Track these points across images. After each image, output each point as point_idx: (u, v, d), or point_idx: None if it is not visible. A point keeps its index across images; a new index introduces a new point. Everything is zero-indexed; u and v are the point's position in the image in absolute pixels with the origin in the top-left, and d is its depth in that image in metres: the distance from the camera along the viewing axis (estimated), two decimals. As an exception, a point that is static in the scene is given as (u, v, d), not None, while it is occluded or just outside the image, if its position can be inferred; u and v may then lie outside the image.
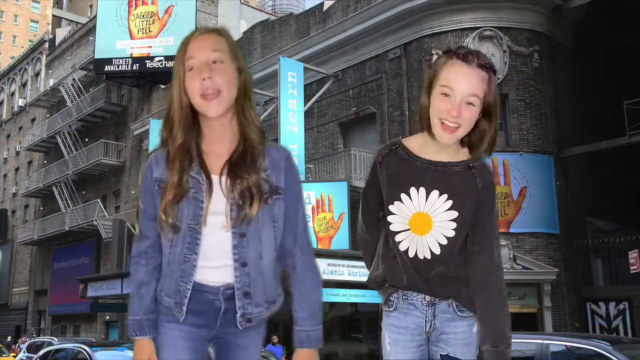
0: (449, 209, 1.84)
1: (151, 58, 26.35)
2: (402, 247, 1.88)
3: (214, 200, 1.71)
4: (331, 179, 16.97)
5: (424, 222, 1.85)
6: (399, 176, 1.87)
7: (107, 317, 27.15)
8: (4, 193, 40.66)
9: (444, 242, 1.85)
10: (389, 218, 1.89)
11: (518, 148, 14.92)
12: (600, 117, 15.38)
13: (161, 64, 25.69)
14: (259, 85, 19.40)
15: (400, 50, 16.37)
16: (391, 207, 1.88)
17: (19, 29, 63.83)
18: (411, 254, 1.87)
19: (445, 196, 1.84)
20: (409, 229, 1.87)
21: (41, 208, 34.82)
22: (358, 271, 13.41)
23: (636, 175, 14.79)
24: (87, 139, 30.59)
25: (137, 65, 26.67)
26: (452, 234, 1.85)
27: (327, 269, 14.10)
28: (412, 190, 1.85)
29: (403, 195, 1.86)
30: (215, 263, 1.73)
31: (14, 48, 60.27)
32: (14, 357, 20.58)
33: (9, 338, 30.26)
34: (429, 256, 1.86)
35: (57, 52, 36.40)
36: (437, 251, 1.85)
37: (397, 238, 1.89)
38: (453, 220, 1.84)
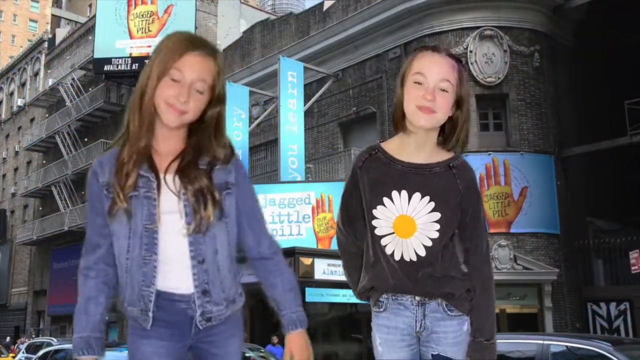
0: (431, 211, 1.85)
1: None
2: (387, 251, 1.89)
3: (165, 199, 1.69)
4: (331, 179, 16.93)
5: (407, 225, 1.86)
6: (380, 180, 1.88)
7: (106, 318, 27.07)
8: (3, 193, 40.60)
9: (429, 243, 1.86)
10: (374, 222, 1.89)
11: (519, 148, 14.89)
12: (600, 117, 15.34)
13: (160, 64, 25.59)
14: (259, 85, 19.37)
15: (401, 49, 16.33)
16: (374, 212, 1.89)
17: (18, 29, 63.77)
18: (397, 257, 1.88)
19: (427, 198, 1.85)
20: (393, 232, 1.88)
21: (40, 208, 34.77)
22: (358, 271, 13.34)
23: (637, 175, 14.75)
24: (86, 139, 30.54)
25: (137, 64, 26.58)
26: (436, 235, 1.86)
27: (327, 269, 14.06)
28: (394, 193, 1.86)
29: (385, 199, 1.87)
30: (179, 265, 1.70)
31: (13, 47, 60.21)
32: (13, 357, 20.53)
33: (8, 338, 30.21)
34: (414, 258, 1.86)
35: (56, 51, 36.32)
36: (422, 253, 1.86)
37: (383, 242, 1.89)
38: (436, 221, 1.85)
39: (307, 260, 13.94)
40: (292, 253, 13.79)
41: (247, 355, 11.42)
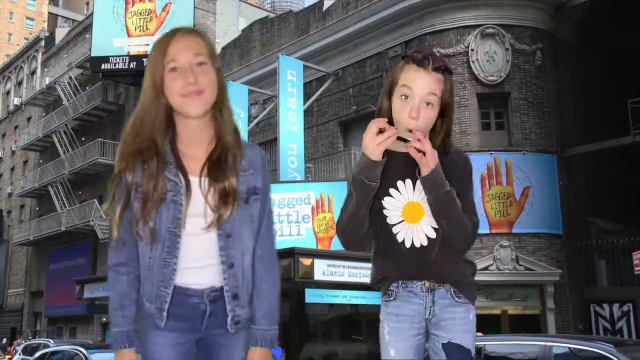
0: None
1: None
2: (399, 239, 1.96)
3: (193, 203, 1.73)
4: (331, 179, 16.81)
5: (415, 211, 1.95)
6: (385, 173, 1.94)
7: (104, 319, 26.91)
8: (0, 193, 40.42)
9: (437, 225, 1.94)
10: (385, 212, 1.98)
11: (521, 147, 14.77)
12: (603, 116, 15.25)
13: (159, 63, 25.45)
14: (258, 84, 19.23)
15: (402, 48, 16.20)
16: (384, 203, 1.97)
17: (15, 27, 63.57)
18: (408, 244, 1.95)
19: None
20: (403, 220, 1.96)
21: (37, 208, 34.60)
22: (359, 272, 13.24)
23: (640, 175, 14.67)
24: (83, 139, 30.38)
25: (135, 63, 26.46)
26: None
27: (327, 270, 13.92)
28: (400, 183, 1.96)
29: (392, 190, 1.96)
30: (197, 264, 1.75)
31: (10, 46, 60.00)
32: (10, 359, 20.36)
33: (5, 340, 30.01)
34: (425, 243, 1.94)
35: (53, 50, 36.15)
36: (433, 235, 1.94)
37: (395, 230, 1.97)
38: None
39: (307, 261, 13.79)
40: (291, 254, 13.64)
41: (246, 357, 11.31)
